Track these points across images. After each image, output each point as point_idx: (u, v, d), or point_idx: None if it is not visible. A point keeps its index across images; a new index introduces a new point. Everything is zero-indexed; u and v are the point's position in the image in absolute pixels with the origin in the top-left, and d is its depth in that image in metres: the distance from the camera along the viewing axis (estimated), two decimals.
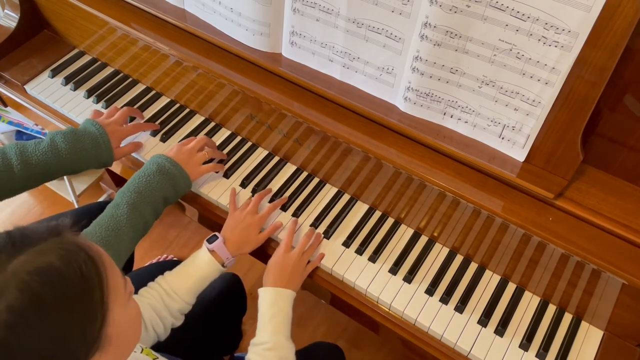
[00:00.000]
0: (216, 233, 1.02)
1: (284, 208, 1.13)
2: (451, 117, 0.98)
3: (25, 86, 1.33)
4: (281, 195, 1.14)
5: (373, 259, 1.06)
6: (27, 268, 0.53)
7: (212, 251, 0.99)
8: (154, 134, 1.25)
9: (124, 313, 0.61)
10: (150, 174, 1.02)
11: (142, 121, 1.25)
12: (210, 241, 1.01)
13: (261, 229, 1.06)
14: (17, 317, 0.51)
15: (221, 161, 1.19)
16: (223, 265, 1.00)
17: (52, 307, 0.52)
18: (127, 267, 1.29)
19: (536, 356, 0.95)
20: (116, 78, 1.36)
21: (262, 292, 0.97)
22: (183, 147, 1.10)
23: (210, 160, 1.16)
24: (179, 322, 0.98)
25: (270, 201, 1.13)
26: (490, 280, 1.04)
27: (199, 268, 0.98)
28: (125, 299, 0.62)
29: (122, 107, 1.23)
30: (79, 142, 1.06)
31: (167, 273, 0.98)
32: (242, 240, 1.03)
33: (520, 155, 0.94)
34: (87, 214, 1.24)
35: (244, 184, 1.16)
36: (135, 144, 1.19)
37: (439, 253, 1.08)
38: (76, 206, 1.89)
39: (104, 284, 0.57)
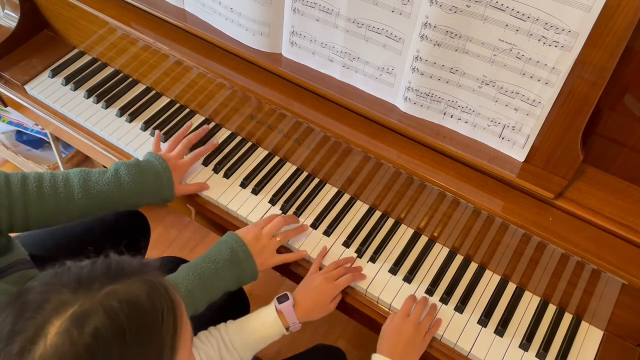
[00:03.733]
0: (287, 293, 0.97)
1: (284, 210, 1.13)
2: (451, 117, 0.98)
3: (25, 86, 1.33)
4: (282, 195, 1.14)
5: (373, 259, 1.06)
6: (118, 296, 0.54)
7: (279, 312, 0.95)
8: (153, 133, 1.25)
9: None
10: (220, 262, 0.96)
11: (203, 136, 1.22)
12: (280, 300, 0.96)
13: (333, 297, 0.99)
14: (100, 343, 0.51)
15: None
16: (287, 329, 0.95)
17: (131, 344, 0.53)
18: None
19: (536, 356, 0.95)
20: (116, 78, 1.36)
21: (375, 357, 0.92)
22: (261, 232, 1.02)
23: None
24: None
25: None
26: (490, 280, 1.04)
27: (263, 327, 0.94)
28: (190, 351, 0.62)
29: (183, 137, 1.18)
30: (142, 175, 1.03)
31: (230, 322, 0.95)
32: (313, 306, 0.97)
33: (520, 155, 0.94)
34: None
35: (243, 184, 1.16)
36: (200, 185, 1.15)
37: (439, 253, 1.08)
38: None
39: (177, 332, 0.58)
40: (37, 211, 0.94)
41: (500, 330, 0.97)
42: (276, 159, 1.21)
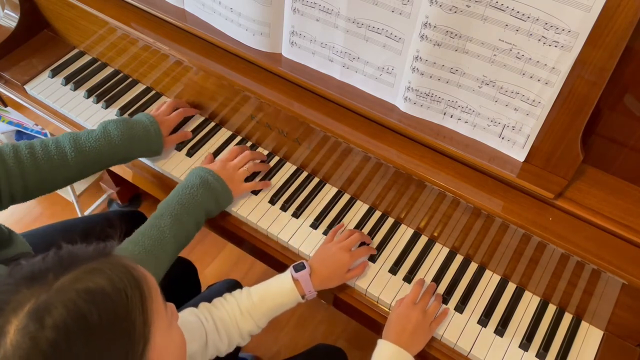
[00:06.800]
0: (304, 261, 0.98)
1: (284, 208, 1.13)
2: (451, 117, 0.98)
3: (25, 86, 1.33)
4: (282, 195, 1.14)
5: (373, 259, 1.06)
6: (74, 286, 0.53)
7: (295, 280, 0.95)
8: None
9: (167, 338, 0.60)
10: (193, 187, 1.02)
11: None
12: (296, 268, 0.96)
13: (349, 267, 1.01)
14: (62, 336, 0.50)
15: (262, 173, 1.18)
16: (303, 297, 0.96)
17: (96, 330, 0.52)
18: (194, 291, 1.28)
19: (536, 356, 0.95)
20: (116, 78, 1.36)
21: (382, 344, 0.93)
22: (227, 164, 1.10)
23: (254, 176, 1.16)
24: (244, 342, 0.95)
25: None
26: (490, 280, 1.04)
27: (279, 295, 0.95)
28: (167, 322, 0.62)
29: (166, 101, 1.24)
30: (131, 129, 1.08)
31: (245, 289, 0.96)
32: (329, 275, 0.98)
33: (520, 155, 0.94)
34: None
35: None
36: (184, 133, 1.22)
37: (439, 253, 1.08)
38: (76, 206, 1.89)
39: (147, 307, 0.57)
40: (35, 177, 0.97)
41: (500, 330, 0.97)
42: (276, 158, 1.21)
